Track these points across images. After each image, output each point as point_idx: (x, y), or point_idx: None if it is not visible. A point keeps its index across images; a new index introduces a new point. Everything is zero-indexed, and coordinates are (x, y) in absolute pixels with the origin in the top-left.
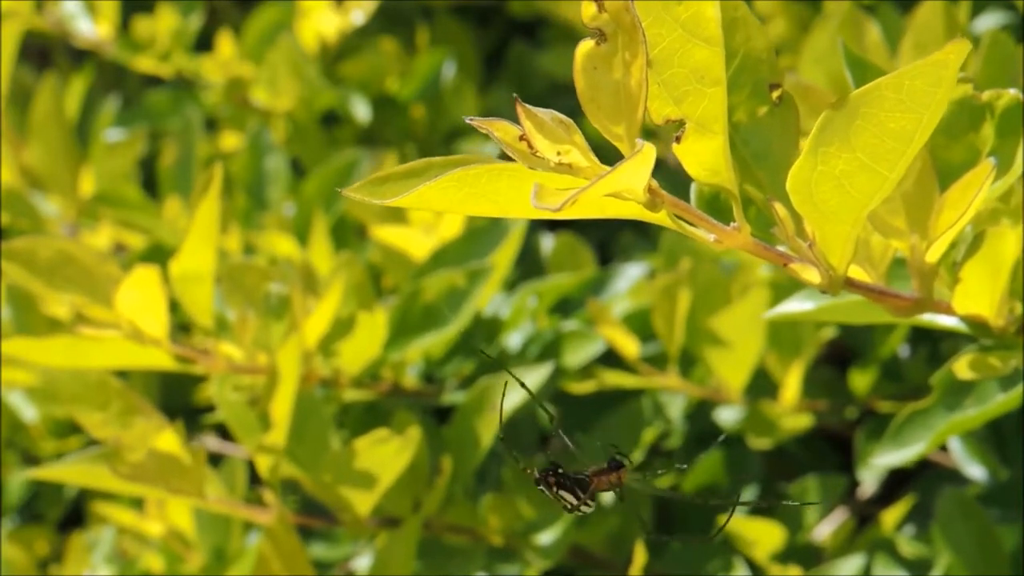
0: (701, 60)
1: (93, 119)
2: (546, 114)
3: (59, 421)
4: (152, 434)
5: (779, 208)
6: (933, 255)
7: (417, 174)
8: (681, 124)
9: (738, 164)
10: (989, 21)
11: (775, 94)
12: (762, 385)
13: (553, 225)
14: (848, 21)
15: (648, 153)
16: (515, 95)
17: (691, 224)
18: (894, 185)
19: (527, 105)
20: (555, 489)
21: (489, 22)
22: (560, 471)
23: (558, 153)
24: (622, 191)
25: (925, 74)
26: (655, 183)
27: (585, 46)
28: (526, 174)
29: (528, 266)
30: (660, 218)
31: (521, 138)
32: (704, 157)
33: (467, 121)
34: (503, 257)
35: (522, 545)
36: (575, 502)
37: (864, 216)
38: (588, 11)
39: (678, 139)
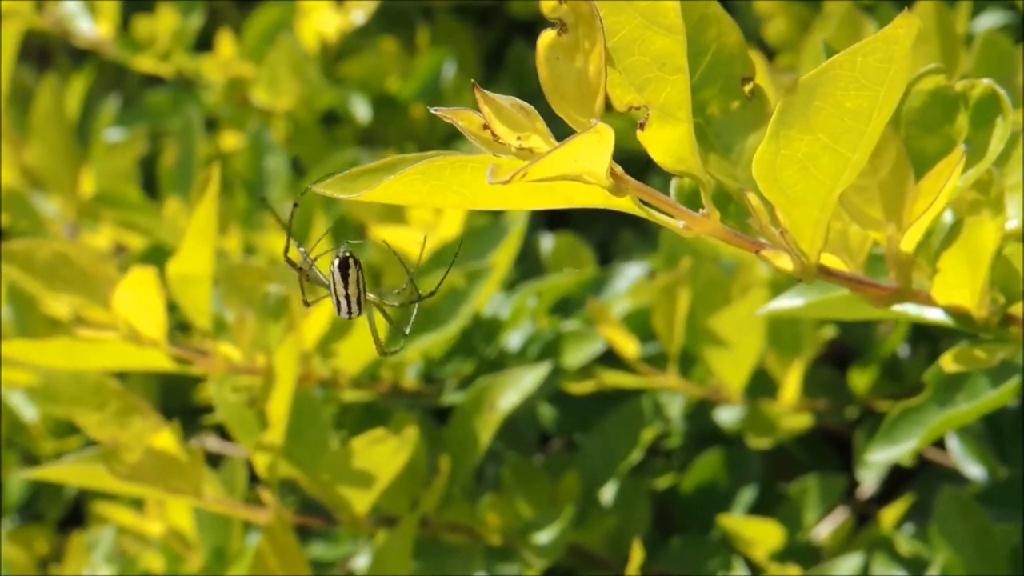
0: (662, 48)
1: (93, 119)
2: (506, 100)
3: (59, 421)
4: (149, 434)
5: (752, 198)
6: (908, 244)
7: (388, 169)
8: (645, 111)
9: (712, 157)
10: (989, 20)
11: (747, 88)
12: (762, 385)
13: (553, 225)
14: (847, 21)
15: (603, 132)
16: (473, 81)
17: (659, 211)
18: (859, 167)
19: (487, 92)
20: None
21: (489, 22)
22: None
23: (518, 138)
24: (583, 174)
25: (876, 50)
26: (618, 167)
27: (547, 36)
28: (489, 165)
29: (528, 266)
30: (625, 204)
31: (485, 126)
32: (669, 144)
33: (433, 111)
34: (502, 257)
35: (520, 544)
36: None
37: (832, 200)
38: (548, 3)
39: (642, 126)
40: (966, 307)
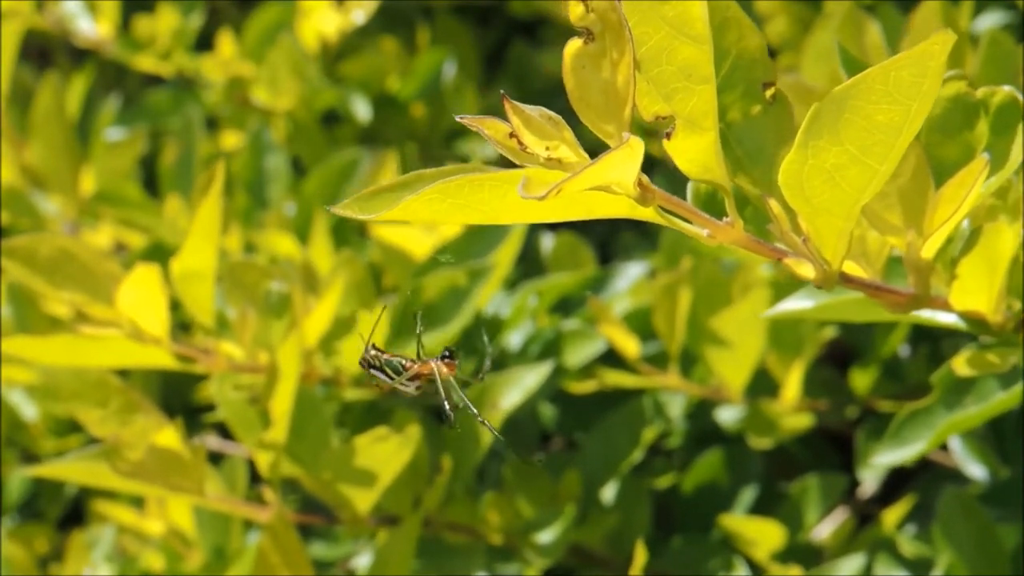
0: (689, 58)
1: (94, 118)
2: (534, 111)
3: (59, 419)
4: (152, 431)
5: (774, 204)
6: (928, 251)
7: (407, 187)
8: (671, 121)
9: (733, 163)
10: (990, 20)
11: (769, 93)
12: (763, 384)
13: (553, 225)
14: (848, 21)
15: (635, 146)
16: (502, 92)
17: (684, 220)
18: (885, 178)
19: (516, 103)
20: (370, 369)
21: (489, 22)
22: (377, 353)
23: (547, 148)
24: (611, 185)
25: (911, 65)
26: (645, 178)
27: (573, 45)
28: (508, 182)
29: (529, 265)
30: (650, 214)
31: (511, 135)
32: (695, 154)
33: (458, 119)
34: (504, 256)
35: (522, 544)
36: (389, 382)
37: (857, 210)
38: (576, 11)
39: (668, 136)
40: (982, 313)
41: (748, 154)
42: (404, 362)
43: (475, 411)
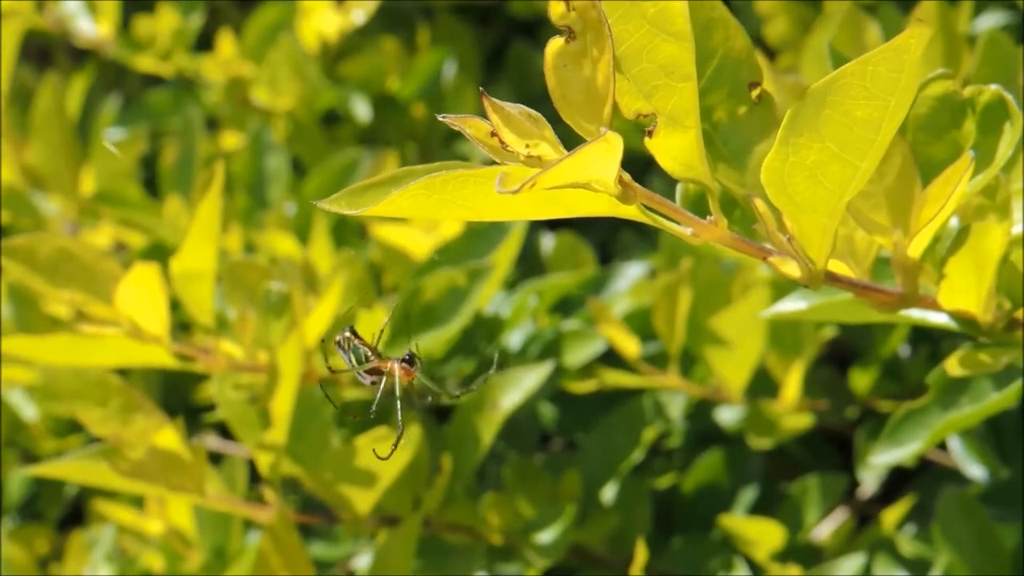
0: (670, 55)
1: (94, 118)
2: (514, 108)
3: (59, 420)
4: (152, 431)
5: (759, 204)
6: (915, 250)
7: (395, 182)
8: (653, 119)
9: (719, 163)
10: (989, 21)
11: (754, 93)
12: (762, 385)
13: (553, 225)
14: (848, 21)
15: (613, 141)
16: (481, 89)
17: (667, 218)
18: (867, 175)
19: (495, 100)
20: (340, 351)
21: (489, 22)
22: (351, 336)
23: (527, 146)
24: (591, 181)
25: (887, 60)
26: (626, 175)
27: (555, 44)
28: (492, 178)
29: (529, 265)
30: (632, 212)
31: (493, 134)
32: (677, 152)
33: (440, 119)
34: (503, 256)
35: (522, 544)
36: (349, 367)
37: (840, 207)
38: (556, 10)
39: (650, 133)
40: (972, 312)
41: (734, 154)
42: (368, 353)
43: (400, 418)
